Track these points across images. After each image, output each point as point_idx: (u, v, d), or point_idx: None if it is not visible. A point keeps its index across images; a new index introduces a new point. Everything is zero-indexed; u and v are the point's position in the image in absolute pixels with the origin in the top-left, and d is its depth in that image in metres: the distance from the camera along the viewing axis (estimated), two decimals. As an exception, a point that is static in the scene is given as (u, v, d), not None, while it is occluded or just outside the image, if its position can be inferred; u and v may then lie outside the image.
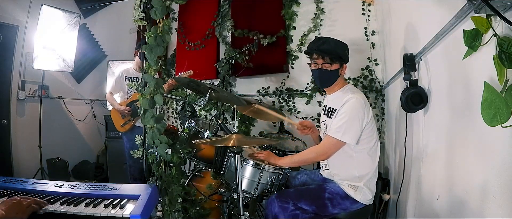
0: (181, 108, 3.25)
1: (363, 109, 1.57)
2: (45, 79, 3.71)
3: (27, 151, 3.57)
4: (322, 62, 1.66)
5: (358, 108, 1.57)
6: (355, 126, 1.56)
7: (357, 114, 1.56)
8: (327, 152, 1.64)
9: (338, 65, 1.66)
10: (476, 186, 0.87)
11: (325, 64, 1.65)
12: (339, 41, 1.71)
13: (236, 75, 3.24)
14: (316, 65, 1.68)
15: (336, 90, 1.73)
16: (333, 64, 1.65)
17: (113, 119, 3.19)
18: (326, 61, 1.65)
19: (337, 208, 1.63)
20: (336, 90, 1.73)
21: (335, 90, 1.73)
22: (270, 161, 1.77)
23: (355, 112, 1.56)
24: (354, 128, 1.56)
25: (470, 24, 0.78)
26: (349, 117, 1.56)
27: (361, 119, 1.57)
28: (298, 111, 3.02)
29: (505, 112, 0.64)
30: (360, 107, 1.57)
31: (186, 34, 3.72)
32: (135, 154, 1.83)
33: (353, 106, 1.57)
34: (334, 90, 1.74)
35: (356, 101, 1.57)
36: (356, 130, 1.57)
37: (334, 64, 1.65)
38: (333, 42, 1.68)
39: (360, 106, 1.57)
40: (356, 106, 1.56)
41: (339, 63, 1.66)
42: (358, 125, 1.56)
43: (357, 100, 1.57)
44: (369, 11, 2.72)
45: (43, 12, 3.33)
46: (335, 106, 1.67)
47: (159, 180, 1.78)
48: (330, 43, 1.67)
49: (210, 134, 2.06)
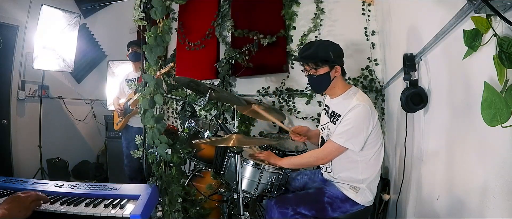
0: (181, 108, 3.25)
1: (369, 117, 1.53)
2: (45, 79, 3.71)
3: (27, 151, 3.57)
4: (309, 68, 1.63)
5: (364, 117, 1.53)
6: (361, 135, 1.53)
7: (363, 122, 1.52)
8: (327, 157, 1.63)
9: (326, 69, 1.60)
10: (476, 186, 0.87)
11: (311, 70, 1.62)
12: (326, 43, 1.66)
13: (236, 75, 3.24)
14: (306, 71, 1.66)
15: (339, 93, 1.68)
16: (319, 68, 1.59)
17: (113, 119, 3.22)
18: (312, 67, 1.61)
19: (337, 212, 1.62)
20: (339, 93, 1.67)
21: (338, 93, 1.68)
22: (270, 161, 1.77)
23: (361, 121, 1.52)
24: (359, 137, 1.53)
25: (470, 24, 0.78)
26: (354, 125, 1.52)
27: (366, 128, 1.53)
28: (298, 111, 3.02)
29: (505, 112, 0.64)
30: (367, 115, 1.53)
31: (186, 34, 3.71)
32: (135, 154, 1.83)
33: (360, 114, 1.52)
34: (337, 93, 1.68)
35: (362, 109, 1.52)
36: (361, 138, 1.53)
37: (320, 68, 1.59)
38: (316, 45, 1.62)
39: (366, 114, 1.53)
40: (362, 115, 1.52)
41: (328, 66, 1.60)
42: (363, 134, 1.53)
43: (364, 107, 1.52)
44: (369, 11, 2.72)
45: (43, 12, 3.33)
46: (339, 111, 1.62)
47: (159, 180, 1.78)
48: (312, 47, 1.61)
49: (210, 134, 2.06)
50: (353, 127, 1.53)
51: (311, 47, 1.62)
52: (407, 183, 1.63)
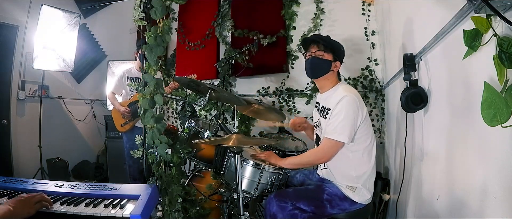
0: (181, 108, 3.26)
1: (357, 107, 1.57)
2: (45, 79, 3.71)
3: (27, 151, 3.57)
4: (316, 49, 1.70)
5: (352, 106, 1.57)
6: (350, 124, 1.56)
7: (351, 112, 1.56)
8: (326, 155, 1.64)
9: (330, 57, 1.69)
10: (476, 186, 0.87)
11: (318, 52, 1.69)
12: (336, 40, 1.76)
13: (236, 75, 3.24)
14: (310, 54, 1.72)
15: (328, 88, 1.74)
16: (326, 53, 1.68)
17: (113, 119, 3.20)
18: (320, 49, 1.69)
19: (335, 209, 1.63)
20: (328, 88, 1.74)
21: (328, 87, 1.74)
22: (270, 161, 1.77)
23: (349, 110, 1.56)
24: (349, 126, 1.56)
25: (470, 24, 0.78)
26: (343, 116, 1.56)
27: (355, 117, 1.57)
28: (298, 111, 3.02)
29: (505, 112, 0.64)
30: (354, 104, 1.57)
31: (186, 34, 3.72)
32: (135, 154, 1.83)
33: (347, 104, 1.57)
34: (326, 88, 1.75)
35: (349, 99, 1.57)
36: (351, 128, 1.56)
37: (327, 53, 1.68)
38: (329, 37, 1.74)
39: (353, 104, 1.57)
40: (349, 104, 1.57)
41: (332, 56, 1.69)
42: (352, 123, 1.56)
43: (351, 97, 1.57)
44: (369, 11, 2.72)
45: (43, 12, 3.33)
46: (329, 105, 1.67)
47: (159, 180, 1.78)
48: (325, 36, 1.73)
49: (210, 134, 2.06)
50: (343, 118, 1.56)
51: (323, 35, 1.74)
52: (407, 183, 1.63)
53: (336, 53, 1.70)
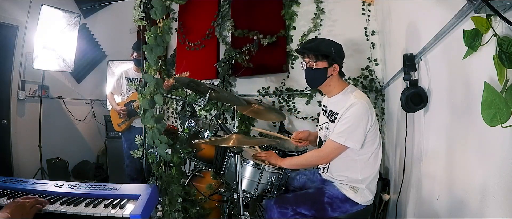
0: (181, 108, 3.25)
1: (367, 114, 1.54)
2: (45, 79, 3.71)
3: (27, 151, 3.57)
4: (308, 60, 1.65)
5: (363, 114, 1.53)
6: (360, 132, 1.53)
7: (362, 119, 1.53)
8: (328, 156, 1.62)
9: (325, 64, 1.61)
10: (476, 186, 0.87)
11: (310, 63, 1.63)
12: (329, 40, 1.67)
13: (236, 75, 3.24)
14: (304, 64, 1.67)
15: (336, 92, 1.68)
16: (318, 62, 1.61)
17: (112, 119, 3.21)
18: (311, 59, 1.63)
19: (337, 212, 1.61)
20: (336, 92, 1.68)
21: (334, 92, 1.69)
22: (271, 161, 1.77)
23: (359, 117, 1.53)
24: (359, 134, 1.53)
25: (470, 24, 0.78)
26: (353, 123, 1.53)
27: (365, 125, 1.54)
28: (298, 111, 3.02)
29: (505, 112, 0.64)
30: (365, 112, 1.53)
31: (186, 34, 3.72)
32: (135, 154, 1.83)
33: (358, 111, 1.53)
34: (334, 92, 1.69)
35: (360, 106, 1.53)
36: (360, 136, 1.54)
37: (318, 62, 1.61)
38: (319, 40, 1.65)
39: (364, 111, 1.53)
40: (360, 112, 1.53)
41: (326, 62, 1.61)
42: (362, 131, 1.53)
43: (362, 104, 1.53)
44: (369, 11, 2.72)
45: (43, 12, 3.33)
46: (337, 110, 1.62)
47: (159, 180, 1.78)
48: (315, 41, 1.65)
49: (210, 134, 2.06)
50: (352, 125, 1.53)
51: (313, 41, 1.66)
52: (407, 183, 1.63)
53: (331, 57, 1.61)
